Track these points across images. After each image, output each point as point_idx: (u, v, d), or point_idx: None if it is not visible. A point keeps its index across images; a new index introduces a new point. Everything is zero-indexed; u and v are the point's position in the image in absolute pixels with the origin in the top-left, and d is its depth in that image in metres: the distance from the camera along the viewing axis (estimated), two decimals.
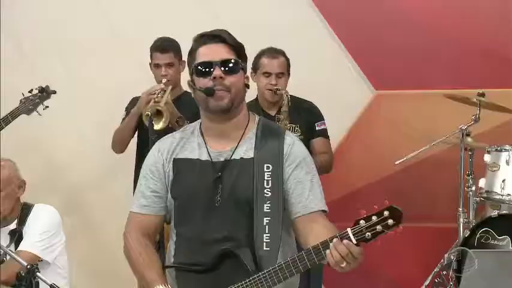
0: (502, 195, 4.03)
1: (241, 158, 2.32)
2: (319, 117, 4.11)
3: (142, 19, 4.73)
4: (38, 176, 4.02)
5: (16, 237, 3.33)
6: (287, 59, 4.05)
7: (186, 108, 3.88)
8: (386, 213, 2.02)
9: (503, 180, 4.02)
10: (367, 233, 2.03)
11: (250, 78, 2.51)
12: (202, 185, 2.32)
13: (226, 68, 2.30)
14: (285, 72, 4.04)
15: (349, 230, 2.05)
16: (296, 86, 4.09)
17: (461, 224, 4.13)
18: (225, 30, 2.37)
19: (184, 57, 4.05)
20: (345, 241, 2.06)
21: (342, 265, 2.09)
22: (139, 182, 2.45)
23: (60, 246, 3.39)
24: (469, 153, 4.22)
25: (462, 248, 3.88)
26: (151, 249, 2.41)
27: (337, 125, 4.52)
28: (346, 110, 4.66)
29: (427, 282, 4.15)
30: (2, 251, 3.23)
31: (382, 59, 4.71)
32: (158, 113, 3.70)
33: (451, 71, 4.66)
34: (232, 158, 2.32)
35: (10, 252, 3.02)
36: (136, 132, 4.05)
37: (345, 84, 4.71)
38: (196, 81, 2.33)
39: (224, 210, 2.30)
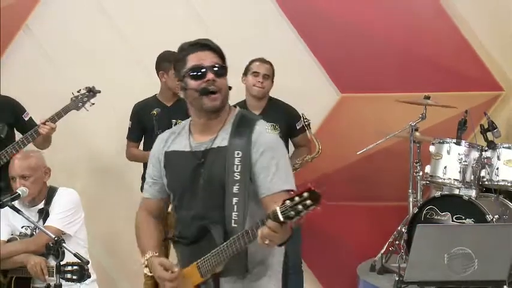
0: (444, 179, 4.06)
1: (218, 146, 2.27)
2: (297, 118, 4.10)
3: (148, 32, 4.67)
4: (64, 164, 4.00)
5: (44, 214, 3.32)
6: (273, 68, 4.07)
7: (183, 110, 3.89)
8: (305, 194, 1.91)
9: (445, 167, 4.05)
10: (291, 212, 1.92)
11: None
12: (186, 171, 2.29)
13: (217, 72, 2.26)
14: (270, 75, 4.05)
15: (277, 208, 1.95)
16: (272, 91, 4.09)
17: (411, 203, 4.14)
18: (209, 40, 2.33)
19: None
20: (269, 221, 1.98)
21: (266, 242, 2.01)
22: (146, 171, 2.47)
23: (80, 222, 3.38)
24: (417, 145, 4.22)
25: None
26: (152, 222, 2.42)
27: None
28: (316, 110, 4.58)
29: (383, 251, 4.17)
30: (33, 226, 3.25)
31: (347, 66, 4.67)
32: None
33: (403, 77, 4.64)
34: (212, 147, 2.28)
35: (41, 227, 3.03)
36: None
37: (315, 88, 4.67)
38: (188, 83, 2.26)
39: (203, 192, 2.27)
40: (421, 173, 4.19)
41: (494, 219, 3.80)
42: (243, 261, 2.21)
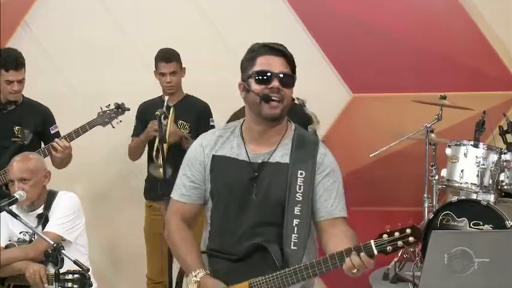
0: (461, 183, 4.04)
1: (277, 162, 2.23)
2: (308, 119, 4.10)
3: (150, 29, 4.70)
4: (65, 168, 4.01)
5: (43, 220, 3.30)
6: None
7: (188, 112, 3.91)
8: (408, 231, 1.99)
9: (462, 170, 4.03)
10: (388, 247, 2.01)
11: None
12: (238, 182, 2.24)
13: (284, 81, 2.22)
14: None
15: (372, 242, 2.02)
16: None
17: (426, 208, 4.15)
18: (284, 46, 2.29)
19: (185, 62, 4.10)
20: (362, 254, 2.03)
21: (353, 271, 2.05)
22: (181, 172, 2.36)
23: (81, 227, 3.36)
24: (433, 147, 4.23)
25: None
26: (190, 234, 2.36)
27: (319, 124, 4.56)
28: (327, 111, 4.59)
29: (396, 258, 4.15)
30: (32, 232, 3.23)
31: (358, 66, 4.68)
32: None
33: (418, 76, 4.63)
34: (269, 160, 2.24)
35: (39, 233, 3.01)
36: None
37: (325, 87, 4.67)
38: (252, 86, 2.22)
39: (257, 207, 2.22)
40: (436, 177, 4.19)
41: None
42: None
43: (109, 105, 3.80)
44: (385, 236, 2.01)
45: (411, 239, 1.99)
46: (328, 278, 4.67)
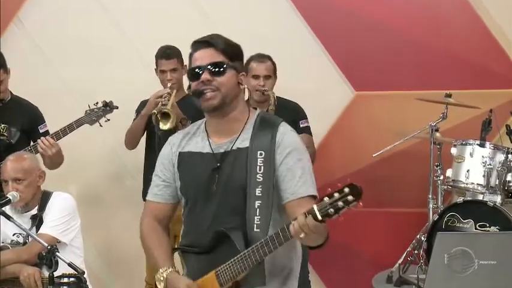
0: (467, 184, 4.04)
1: (238, 148, 2.26)
2: (303, 116, 4.10)
3: (150, 27, 4.70)
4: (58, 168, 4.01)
5: (37, 221, 3.30)
6: (273, 63, 4.06)
7: (189, 109, 3.90)
8: (346, 189, 1.93)
9: (468, 171, 4.03)
10: (330, 209, 1.94)
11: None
12: (203, 174, 2.28)
13: (214, 71, 2.25)
14: (271, 75, 4.05)
15: (314, 206, 1.97)
16: (284, 88, 4.08)
17: (431, 209, 4.14)
18: (216, 35, 2.32)
19: (186, 62, 4.11)
20: (308, 216, 1.99)
21: (301, 236, 2.01)
22: (154, 173, 2.42)
23: (76, 229, 3.36)
24: (438, 146, 4.23)
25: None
26: (161, 232, 2.39)
27: (321, 122, 4.52)
28: (329, 109, 4.63)
29: (400, 260, 4.16)
30: (26, 234, 3.23)
31: (361, 63, 4.68)
32: (166, 115, 3.73)
33: (422, 74, 4.63)
34: (231, 149, 2.27)
35: (33, 235, 3.00)
36: (145, 133, 4.07)
37: (328, 86, 4.67)
38: (191, 85, 2.30)
39: (220, 197, 2.25)
40: (441, 177, 4.18)
41: None
42: (262, 272, 2.18)
43: (97, 103, 3.80)
44: (325, 198, 1.95)
45: (350, 197, 1.91)
46: (330, 280, 4.67)
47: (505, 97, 4.57)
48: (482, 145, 4.04)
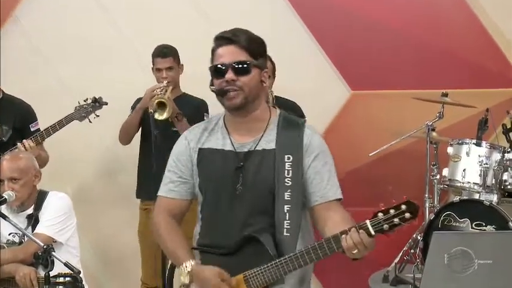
0: (463, 183, 4.05)
1: (263, 149, 2.23)
2: (301, 115, 4.08)
3: (149, 27, 4.70)
4: (53, 167, 4.01)
5: (33, 221, 3.30)
6: (272, 63, 4.07)
7: (185, 108, 3.91)
8: (403, 207, 1.98)
9: (464, 170, 4.04)
10: (385, 225, 1.99)
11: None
12: (225, 173, 2.24)
13: (238, 70, 2.21)
14: (270, 74, 4.07)
15: (367, 221, 2.00)
16: (281, 87, 4.08)
17: (427, 208, 4.13)
18: (240, 30, 2.28)
19: (182, 62, 4.11)
20: (361, 231, 2.02)
21: (354, 251, 2.03)
22: (168, 168, 2.37)
23: (72, 229, 3.36)
24: (434, 145, 4.24)
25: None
26: (179, 229, 2.35)
27: (317, 122, 4.50)
28: (325, 108, 4.63)
29: (397, 260, 4.16)
30: (21, 233, 3.22)
31: (358, 62, 4.68)
32: (162, 105, 3.73)
33: (419, 73, 4.64)
34: (255, 149, 2.24)
35: (29, 234, 3.01)
36: (140, 133, 4.07)
37: (325, 85, 4.68)
38: (214, 82, 2.26)
39: (246, 197, 2.22)
40: (438, 177, 4.19)
41: None
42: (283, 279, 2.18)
43: (87, 99, 3.80)
44: (380, 214, 1.99)
45: (407, 215, 1.97)
46: (326, 279, 4.68)
47: (501, 96, 4.58)
48: (478, 144, 4.05)
